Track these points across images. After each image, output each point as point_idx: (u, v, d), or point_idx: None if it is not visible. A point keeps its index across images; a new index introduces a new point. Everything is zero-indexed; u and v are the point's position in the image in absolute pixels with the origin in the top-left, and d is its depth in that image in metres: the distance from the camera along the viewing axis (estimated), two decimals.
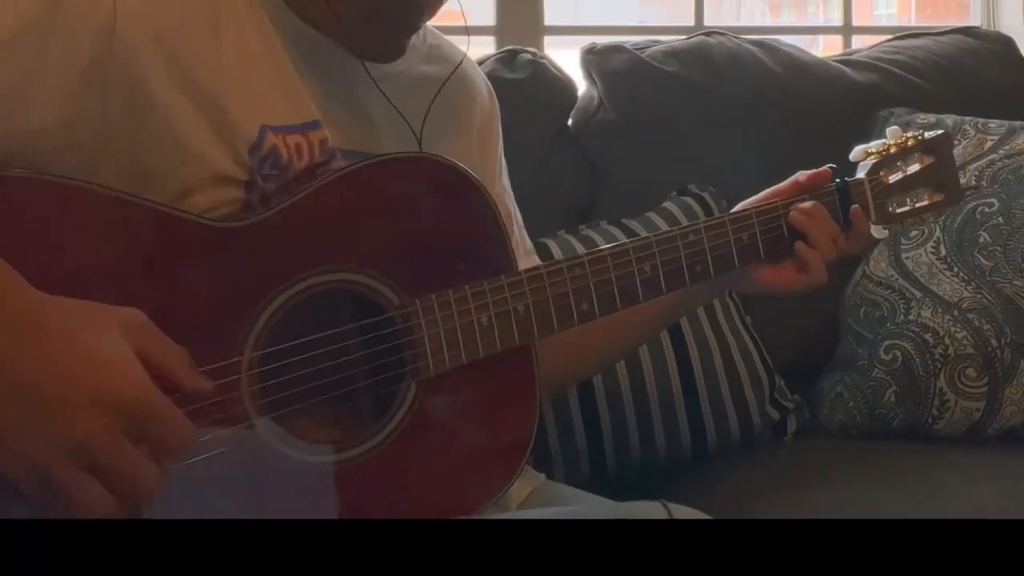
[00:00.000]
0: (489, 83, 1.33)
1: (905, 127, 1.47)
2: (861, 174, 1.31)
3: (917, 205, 1.33)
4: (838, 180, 1.29)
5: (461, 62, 1.26)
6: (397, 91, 1.17)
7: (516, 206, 1.34)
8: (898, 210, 1.32)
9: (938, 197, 1.34)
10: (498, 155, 1.33)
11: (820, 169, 1.29)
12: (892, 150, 1.32)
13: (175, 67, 1.01)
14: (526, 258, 1.30)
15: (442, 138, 1.20)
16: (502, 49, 1.94)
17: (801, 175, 1.29)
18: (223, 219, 1.01)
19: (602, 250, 1.16)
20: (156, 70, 1.00)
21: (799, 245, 1.24)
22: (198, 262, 0.99)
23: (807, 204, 1.25)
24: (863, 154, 1.32)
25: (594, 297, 1.14)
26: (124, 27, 0.99)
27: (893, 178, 1.31)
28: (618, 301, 1.16)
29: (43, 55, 0.96)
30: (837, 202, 1.28)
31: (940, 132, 1.35)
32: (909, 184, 1.32)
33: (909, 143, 1.32)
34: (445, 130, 1.21)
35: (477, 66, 1.33)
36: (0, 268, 0.87)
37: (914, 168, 1.32)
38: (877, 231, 1.31)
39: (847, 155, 1.35)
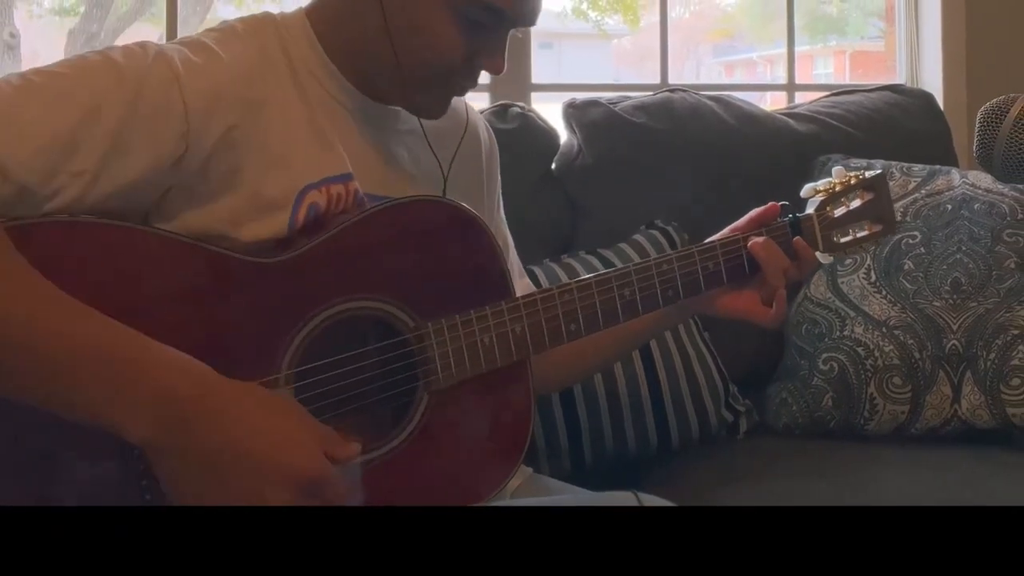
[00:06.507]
0: (489, 127, 1.34)
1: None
2: (810, 210, 1.30)
3: (858, 235, 1.32)
4: (790, 216, 1.29)
5: (469, 117, 1.27)
6: (419, 143, 1.18)
7: (510, 234, 1.34)
8: (842, 240, 1.31)
9: (876, 228, 1.33)
10: (498, 190, 1.33)
11: (768, 204, 1.28)
12: (837, 188, 1.31)
13: (231, 157, 1.01)
14: (519, 280, 1.31)
15: (460, 181, 1.21)
16: (495, 104, 1.95)
17: (754, 212, 1.29)
18: (260, 254, 1.02)
19: (588, 278, 1.17)
20: (217, 164, 1.01)
21: (766, 282, 1.23)
22: (241, 294, 0.99)
23: (761, 238, 1.24)
24: (812, 191, 1.32)
25: (580, 318, 1.15)
26: (196, 126, 0.99)
27: (838, 212, 1.31)
28: (601, 322, 1.17)
29: (132, 165, 0.97)
30: (790, 235, 1.27)
31: (878, 172, 1.34)
32: (852, 217, 1.31)
33: (851, 182, 1.32)
34: (463, 176, 1.23)
35: (479, 113, 1.34)
36: (198, 366, 0.89)
37: (856, 203, 1.32)
38: (823, 257, 1.30)
39: (790, 194, 1.34)
